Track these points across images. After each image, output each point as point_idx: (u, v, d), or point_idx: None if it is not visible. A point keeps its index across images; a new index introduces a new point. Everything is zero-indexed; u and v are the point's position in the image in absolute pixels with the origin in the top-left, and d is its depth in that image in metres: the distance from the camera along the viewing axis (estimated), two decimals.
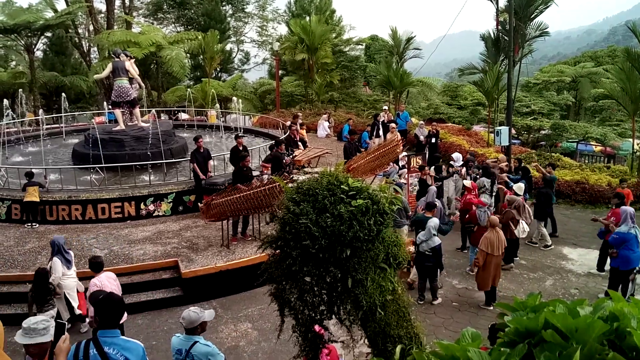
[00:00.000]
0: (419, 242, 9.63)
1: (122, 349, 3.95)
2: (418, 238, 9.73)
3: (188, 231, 11.74)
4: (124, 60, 15.68)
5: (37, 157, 16.05)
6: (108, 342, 3.95)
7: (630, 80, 17.00)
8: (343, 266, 3.77)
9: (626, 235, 9.35)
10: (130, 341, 4.12)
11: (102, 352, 3.88)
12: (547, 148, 26.54)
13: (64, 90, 28.96)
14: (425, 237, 9.53)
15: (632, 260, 9.34)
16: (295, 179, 7.41)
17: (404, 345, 3.86)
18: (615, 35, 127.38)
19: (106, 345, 3.92)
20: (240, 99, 27.57)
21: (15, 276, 9.45)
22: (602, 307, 1.82)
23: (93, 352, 3.90)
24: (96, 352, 3.89)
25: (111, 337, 3.98)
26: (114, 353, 3.90)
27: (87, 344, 3.97)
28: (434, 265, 9.59)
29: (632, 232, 9.38)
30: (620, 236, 9.40)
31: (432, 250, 9.48)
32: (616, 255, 9.47)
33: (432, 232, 9.51)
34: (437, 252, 9.52)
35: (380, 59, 33.10)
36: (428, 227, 9.57)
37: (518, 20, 21.35)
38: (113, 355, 3.90)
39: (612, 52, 40.34)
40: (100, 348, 3.90)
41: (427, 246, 9.49)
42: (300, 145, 17.23)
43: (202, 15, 38.17)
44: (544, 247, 12.38)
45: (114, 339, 3.99)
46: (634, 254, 9.35)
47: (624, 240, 9.35)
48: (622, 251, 9.39)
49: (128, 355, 3.94)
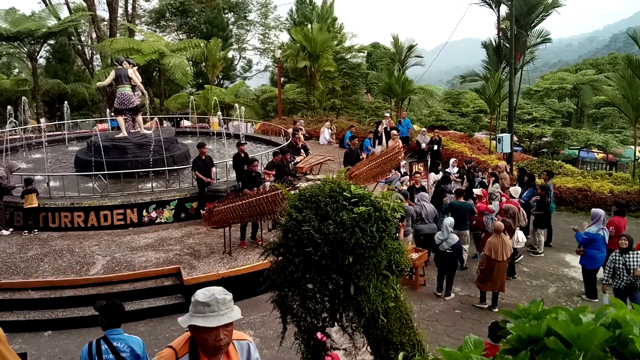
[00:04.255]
0: (439, 243, 10.05)
1: (128, 342, 4.83)
2: (437, 238, 10.15)
3: (190, 238, 11.74)
4: (127, 68, 15.77)
5: (40, 164, 16.11)
6: (115, 338, 4.82)
7: (631, 88, 17.00)
8: (345, 273, 3.77)
9: (595, 235, 10.02)
10: (132, 337, 4.98)
11: (112, 347, 4.76)
12: (549, 155, 26.52)
13: (67, 98, 29.10)
14: (444, 237, 9.97)
15: (597, 260, 10.02)
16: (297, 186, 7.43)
17: (407, 353, 3.85)
18: (616, 43, 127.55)
19: (114, 341, 4.79)
20: (243, 106, 27.67)
21: (18, 283, 9.46)
22: (604, 314, 1.82)
23: (104, 347, 4.76)
24: (107, 347, 4.76)
25: (117, 335, 4.86)
26: (121, 346, 4.78)
27: (98, 342, 4.80)
28: (454, 262, 10.07)
29: (600, 234, 10.06)
30: (589, 236, 10.06)
31: (452, 248, 9.95)
32: (583, 253, 10.16)
33: (449, 229, 9.99)
34: (457, 248, 10.03)
35: (381, 66, 33.22)
36: (444, 225, 10.07)
37: (519, 27, 21.44)
38: (121, 348, 4.77)
39: (614, 60, 40.41)
40: (110, 344, 4.77)
41: (448, 245, 9.95)
42: (303, 153, 17.26)
43: (205, 23, 38.36)
44: (534, 253, 12.40)
45: (119, 335, 4.86)
46: (600, 254, 10.00)
47: (592, 240, 10.02)
48: (590, 250, 10.06)
49: (132, 346, 4.82)
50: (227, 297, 3.00)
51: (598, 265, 10.07)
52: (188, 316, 2.96)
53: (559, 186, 16.40)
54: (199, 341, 2.98)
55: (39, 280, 9.52)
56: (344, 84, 31.51)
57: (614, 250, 9.17)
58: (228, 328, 2.96)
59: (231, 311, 2.97)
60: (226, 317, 2.92)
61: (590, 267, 10.11)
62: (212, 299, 2.92)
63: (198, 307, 2.91)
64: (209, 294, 2.97)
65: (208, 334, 2.90)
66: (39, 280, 9.52)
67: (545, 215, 12.53)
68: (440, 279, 10.30)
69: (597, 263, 10.06)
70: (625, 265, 8.64)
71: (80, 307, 9.15)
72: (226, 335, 2.95)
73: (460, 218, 11.27)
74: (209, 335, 2.90)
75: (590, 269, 10.12)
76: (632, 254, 8.66)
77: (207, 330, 2.89)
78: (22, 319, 8.75)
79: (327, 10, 36.75)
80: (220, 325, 2.89)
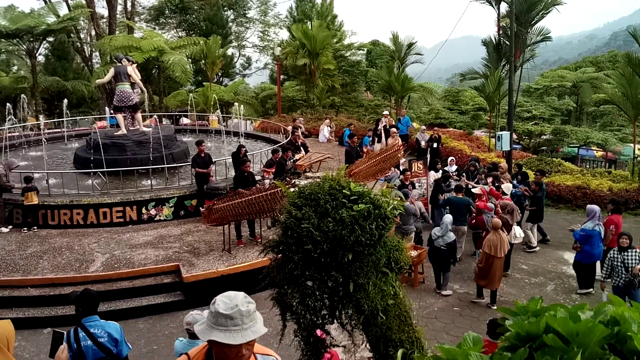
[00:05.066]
0: (435, 238, 10.10)
1: (105, 328, 4.97)
2: (434, 234, 10.20)
3: (189, 235, 11.75)
4: (126, 65, 15.74)
5: (39, 162, 16.10)
6: (92, 325, 4.93)
7: (631, 86, 17.00)
8: (345, 270, 3.77)
9: (591, 232, 10.11)
10: (109, 322, 5.09)
11: (89, 334, 4.86)
12: (549, 153, 26.53)
13: (66, 95, 29.12)
14: (442, 233, 10.02)
15: (594, 255, 10.16)
16: (297, 183, 7.44)
17: (406, 350, 3.86)
18: (616, 40, 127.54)
19: (91, 328, 4.91)
20: (242, 103, 27.65)
21: (17, 280, 9.46)
22: (603, 311, 1.82)
23: (82, 334, 4.85)
24: (84, 334, 4.85)
25: (93, 321, 4.97)
26: (98, 332, 4.90)
27: (75, 330, 4.88)
28: (448, 259, 10.07)
29: (596, 230, 10.16)
30: (586, 232, 10.14)
31: (447, 246, 9.99)
32: (580, 249, 10.22)
33: (448, 227, 10.05)
34: (452, 247, 10.07)
35: (381, 64, 33.18)
36: (444, 222, 10.12)
37: (519, 25, 21.40)
38: (98, 334, 4.89)
39: (613, 57, 40.42)
40: (87, 331, 4.88)
41: (443, 241, 9.99)
42: (302, 150, 17.25)
43: (204, 20, 38.31)
44: (529, 248, 12.44)
45: (95, 322, 4.98)
46: (597, 249, 10.15)
47: (589, 236, 10.10)
48: (586, 246, 10.15)
49: (109, 331, 4.96)
50: (250, 308, 2.67)
51: (595, 260, 10.23)
52: (207, 327, 2.65)
53: (558, 184, 16.41)
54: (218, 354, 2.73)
55: (38, 277, 9.53)
56: (343, 82, 31.49)
57: (612, 248, 9.21)
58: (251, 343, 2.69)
59: (255, 324, 2.67)
60: (250, 332, 2.63)
61: (587, 261, 10.22)
62: (235, 311, 2.60)
63: (219, 320, 2.60)
64: (232, 304, 2.63)
65: (229, 349, 2.64)
66: (38, 277, 9.53)
67: (539, 210, 12.64)
68: (437, 275, 10.38)
69: (593, 258, 10.20)
70: (623, 263, 8.66)
71: None
72: (248, 350, 2.70)
73: (457, 213, 11.39)
74: (230, 350, 2.64)
75: (587, 263, 10.23)
76: (630, 251, 8.69)
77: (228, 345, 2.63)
78: (22, 316, 8.75)
79: (326, 8, 36.71)
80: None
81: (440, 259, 10.10)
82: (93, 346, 4.84)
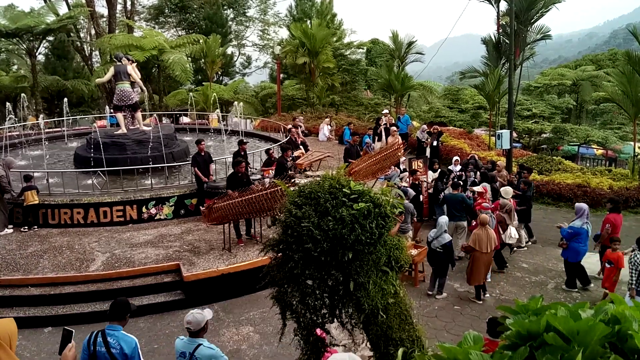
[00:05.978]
0: (430, 240, 9.97)
1: (120, 340, 4.99)
2: (429, 236, 10.10)
3: (190, 234, 11.75)
4: (126, 64, 15.73)
5: (39, 161, 16.10)
6: (110, 334, 5.02)
7: (631, 84, 16.99)
8: (345, 269, 3.77)
9: (579, 229, 10.15)
10: (128, 335, 5.10)
11: (106, 341, 4.98)
12: (549, 151, 26.51)
13: (66, 94, 29.08)
14: (436, 235, 9.88)
15: (580, 253, 10.22)
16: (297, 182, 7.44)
17: (406, 349, 3.86)
18: (616, 39, 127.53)
19: (109, 336, 5.00)
20: (242, 102, 27.63)
21: (18, 280, 9.47)
22: (603, 310, 1.82)
23: (100, 339, 5.01)
24: (101, 340, 4.99)
25: (114, 330, 5.04)
26: (113, 342, 4.97)
27: (96, 334, 5.03)
28: (445, 261, 9.90)
29: (584, 228, 10.21)
30: (573, 230, 10.17)
31: (443, 247, 9.81)
32: (566, 246, 10.27)
33: (443, 228, 9.88)
34: (448, 248, 9.87)
35: (381, 62, 33.14)
36: (439, 223, 9.98)
37: (519, 23, 21.40)
38: (112, 344, 4.97)
39: (613, 55, 40.39)
40: (105, 337, 5.00)
41: (438, 243, 9.84)
42: (301, 148, 17.24)
43: (204, 19, 38.28)
44: (517, 247, 12.38)
45: (115, 332, 5.04)
46: (583, 247, 10.22)
47: (576, 234, 10.14)
48: (573, 244, 10.19)
49: (123, 345, 4.97)
50: None
51: (580, 258, 10.28)
52: None
53: (558, 182, 16.41)
54: None
55: (39, 276, 9.53)
56: (343, 80, 31.47)
57: (606, 247, 9.24)
58: None
59: None
60: None
61: (573, 259, 10.25)
62: None
63: None
64: None
65: None
66: (39, 276, 9.53)
67: (527, 210, 12.68)
68: (433, 277, 10.20)
69: (579, 256, 10.24)
70: None
71: (80, 303, 9.17)
72: None
73: (453, 209, 11.42)
74: None
75: (573, 262, 10.27)
76: None
77: None
78: (22, 315, 8.74)
79: (326, 7, 36.68)
80: None
81: (437, 261, 9.92)
82: (106, 354, 4.95)
